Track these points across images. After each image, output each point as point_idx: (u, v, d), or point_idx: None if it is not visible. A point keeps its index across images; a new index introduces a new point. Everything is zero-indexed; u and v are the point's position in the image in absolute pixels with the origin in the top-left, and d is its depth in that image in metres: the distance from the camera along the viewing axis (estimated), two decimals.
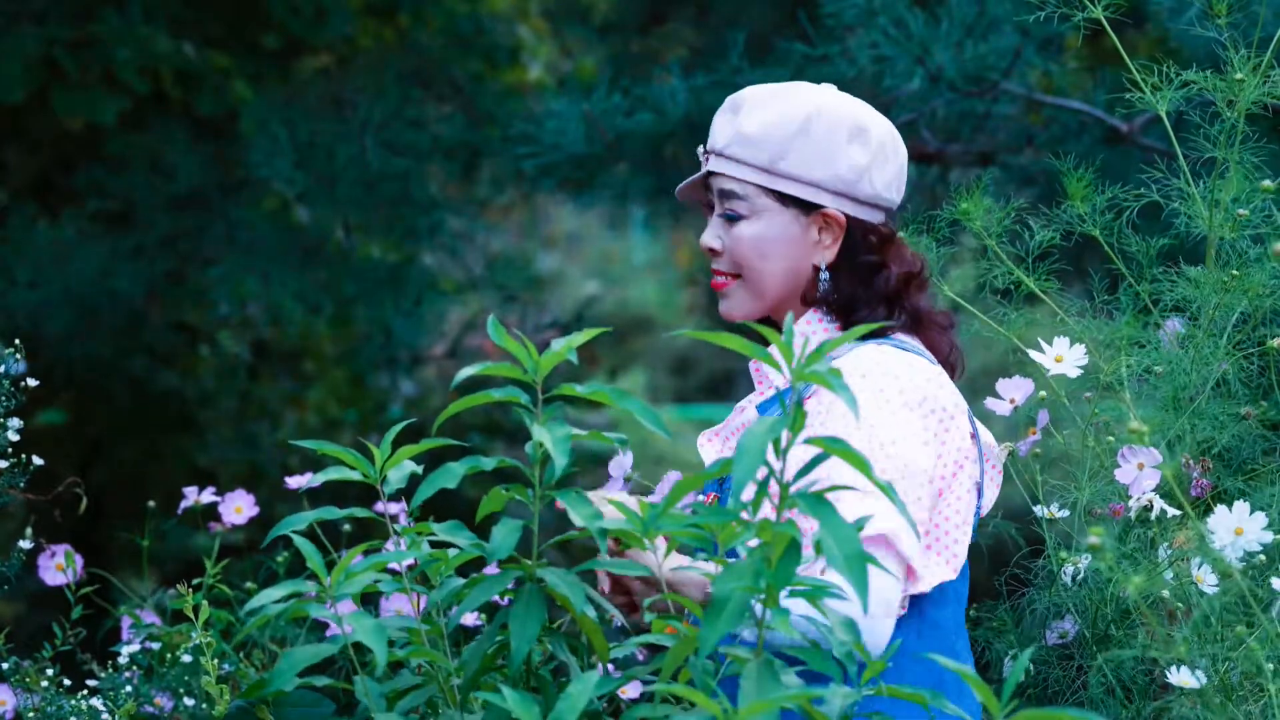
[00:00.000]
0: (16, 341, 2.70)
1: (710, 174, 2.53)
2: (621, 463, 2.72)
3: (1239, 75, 2.85)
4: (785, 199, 2.48)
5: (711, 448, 2.58)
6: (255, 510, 2.88)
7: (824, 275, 2.49)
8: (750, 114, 2.49)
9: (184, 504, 2.84)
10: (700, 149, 2.56)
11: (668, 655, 1.93)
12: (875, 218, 2.51)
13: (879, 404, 2.37)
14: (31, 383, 2.66)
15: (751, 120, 2.48)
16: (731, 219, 2.50)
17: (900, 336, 2.51)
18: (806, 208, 2.48)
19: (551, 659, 2.18)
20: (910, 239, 2.95)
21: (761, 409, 2.54)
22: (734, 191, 2.49)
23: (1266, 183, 2.82)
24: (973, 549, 2.93)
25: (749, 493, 1.87)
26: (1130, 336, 2.81)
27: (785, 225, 2.48)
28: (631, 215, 6.24)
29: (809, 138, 2.46)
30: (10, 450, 2.65)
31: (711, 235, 2.52)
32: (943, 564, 2.42)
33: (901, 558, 2.31)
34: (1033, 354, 2.75)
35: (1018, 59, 4.72)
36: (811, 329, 2.52)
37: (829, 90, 2.54)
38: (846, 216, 2.48)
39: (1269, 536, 2.35)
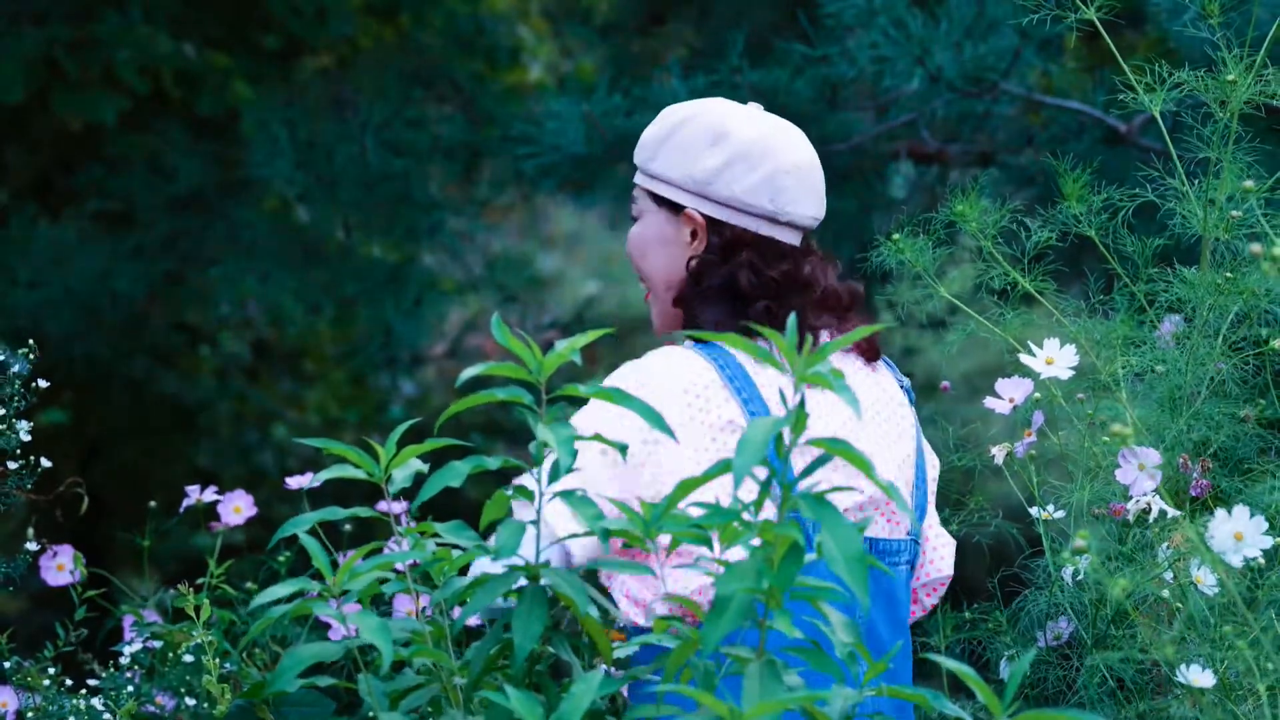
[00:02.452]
0: (30, 341, 2.71)
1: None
2: None
3: (1231, 76, 2.86)
4: (659, 200, 2.57)
5: None
6: (254, 510, 2.89)
7: (687, 274, 2.57)
8: (652, 122, 2.61)
9: (185, 503, 2.85)
10: None
11: (671, 656, 1.94)
12: (748, 224, 2.54)
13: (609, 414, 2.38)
14: (41, 383, 2.67)
15: (649, 128, 2.60)
16: (632, 220, 2.62)
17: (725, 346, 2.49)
18: (674, 208, 2.56)
19: (552, 658, 2.19)
20: (905, 240, 2.96)
21: None
22: (634, 195, 2.62)
23: (1248, 183, 2.83)
24: (973, 548, 2.94)
25: (749, 492, 1.88)
26: (1126, 336, 2.82)
27: (660, 225, 2.58)
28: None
29: (675, 141, 2.56)
30: (19, 451, 2.66)
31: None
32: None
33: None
34: (1023, 358, 2.76)
35: (1017, 59, 4.73)
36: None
37: (734, 105, 2.59)
38: (705, 217, 2.54)
39: (1269, 541, 2.36)
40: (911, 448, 2.58)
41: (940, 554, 2.63)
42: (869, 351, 2.59)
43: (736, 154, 2.53)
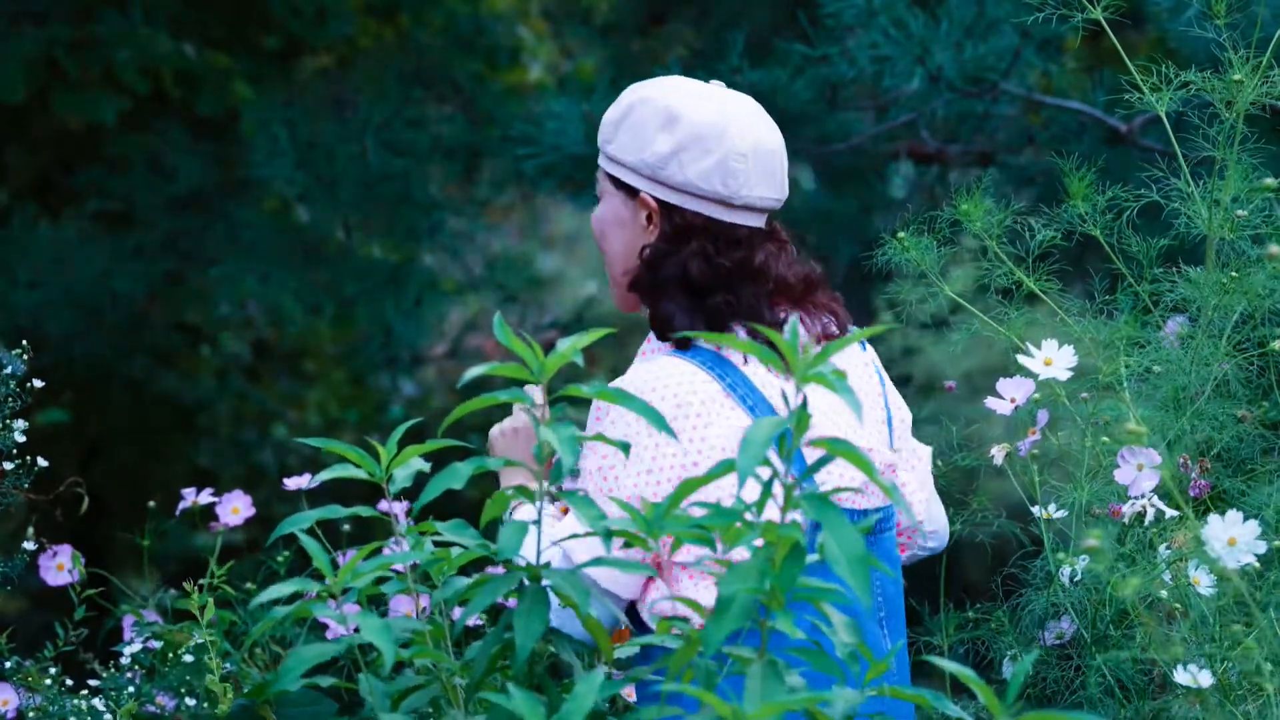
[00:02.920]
0: (24, 343, 2.70)
1: None
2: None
3: (1237, 76, 2.86)
4: (616, 182, 2.55)
5: None
6: (252, 511, 2.88)
7: (641, 261, 2.54)
8: (614, 103, 2.58)
9: (182, 504, 2.85)
10: None
11: (674, 656, 1.94)
12: (696, 206, 2.50)
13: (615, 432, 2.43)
14: (37, 383, 2.66)
15: (610, 107, 2.57)
16: (596, 201, 2.60)
17: (704, 345, 2.49)
18: (631, 191, 2.53)
19: (552, 658, 2.19)
20: (910, 239, 2.96)
21: None
22: (597, 175, 2.59)
23: (1269, 180, 2.82)
24: (973, 549, 2.94)
25: (752, 492, 1.88)
26: (1130, 336, 2.81)
27: (616, 207, 2.55)
28: None
29: (629, 123, 2.52)
30: (15, 451, 2.66)
31: None
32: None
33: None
34: (1022, 359, 2.75)
35: (1017, 59, 4.72)
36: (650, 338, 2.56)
37: (691, 84, 2.55)
38: (658, 201, 2.51)
39: (1262, 546, 2.35)
40: (881, 408, 2.58)
41: (917, 496, 2.59)
42: (842, 329, 2.55)
43: (689, 137, 2.49)
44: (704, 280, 2.48)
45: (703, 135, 2.49)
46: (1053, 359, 2.75)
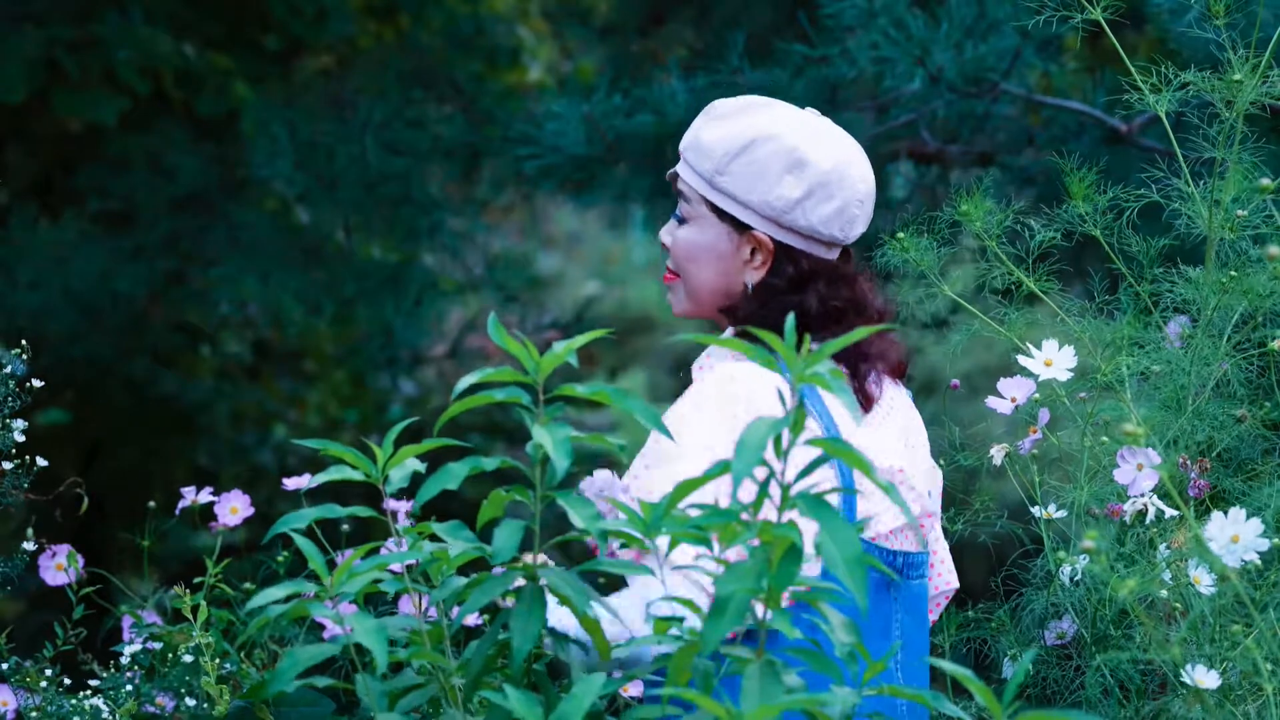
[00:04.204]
0: (23, 343, 2.70)
1: (674, 172, 2.60)
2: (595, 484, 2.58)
3: (1236, 76, 2.85)
4: (720, 213, 2.52)
5: None
6: (250, 511, 2.88)
7: (749, 295, 2.52)
8: (711, 123, 2.53)
9: (181, 505, 2.84)
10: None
11: (673, 658, 1.94)
12: (813, 249, 2.52)
13: (704, 417, 2.40)
14: (36, 383, 2.66)
15: (709, 129, 2.53)
16: (679, 220, 2.57)
17: None
18: (739, 226, 2.51)
19: (550, 658, 2.18)
20: (910, 239, 2.96)
21: None
22: (683, 193, 2.56)
23: (1265, 181, 2.82)
24: (973, 548, 2.94)
25: (749, 493, 1.88)
26: (1130, 337, 2.81)
27: (717, 238, 2.53)
28: (631, 215, 6.24)
29: (748, 160, 2.50)
30: (14, 451, 2.65)
31: (665, 231, 2.60)
32: None
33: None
34: (1022, 359, 2.75)
35: (1017, 60, 4.72)
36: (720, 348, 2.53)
37: (800, 116, 2.55)
38: (775, 242, 2.50)
39: (1265, 544, 2.35)
40: (930, 461, 2.61)
41: (947, 565, 2.63)
42: (897, 370, 2.59)
43: (816, 184, 2.49)
44: (819, 318, 2.50)
45: (827, 182, 2.49)
46: (1053, 359, 2.75)
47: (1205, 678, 2.39)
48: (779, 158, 2.49)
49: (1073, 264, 3.05)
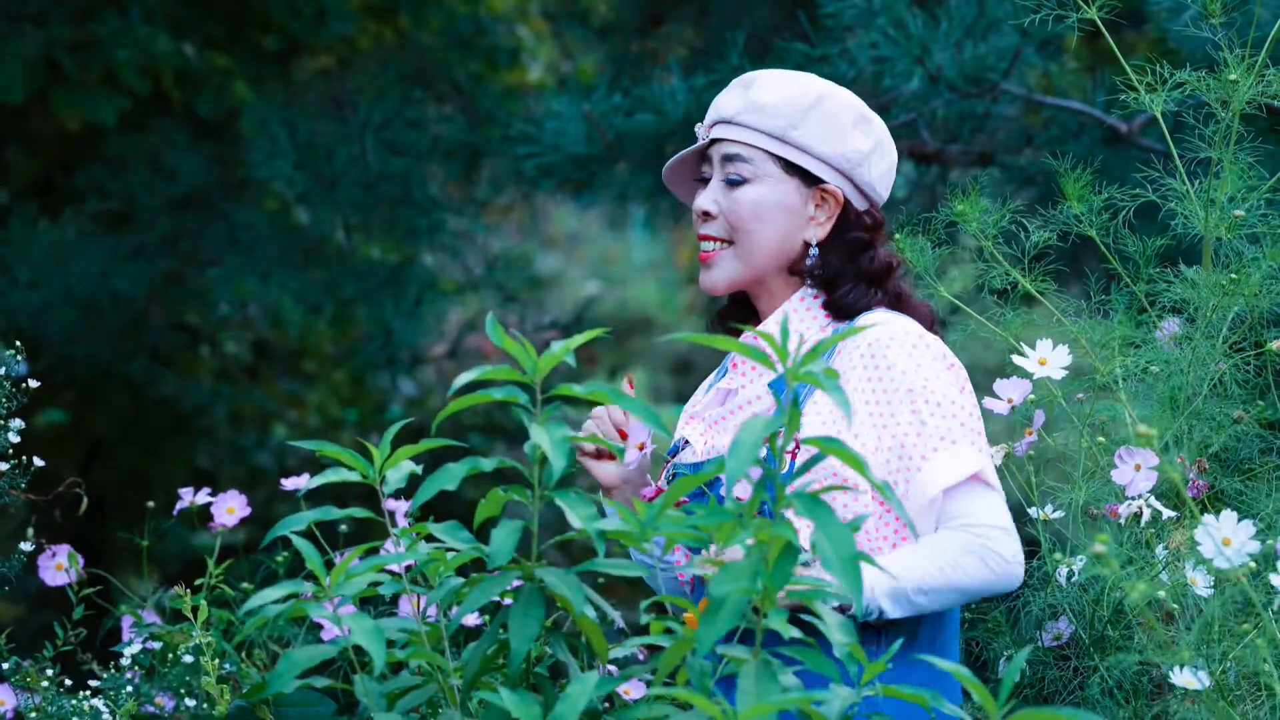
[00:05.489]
0: (18, 343, 2.70)
1: (714, 142, 2.59)
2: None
3: (1232, 76, 2.85)
4: (790, 168, 2.55)
5: (694, 428, 2.61)
6: (248, 511, 2.88)
7: (813, 250, 2.56)
8: (764, 87, 2.57)
9: (179, 505, 2.85)
10: (700, 126, 2.62)
11: (663, 655, 1.94)
12: (865, 205, 2.59)
13: (938, 366, 2.48)
14: (33, 384, 2.66)
15: (766, 92, 2.56)
16: (734, 182, 2.56)
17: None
18: (808, 180, 2.56)
19: (550, 658, 2.19)
20: (907, 240, 2.96)
21: (777, 386, 2.55)
22: (740, 155, 2.56)
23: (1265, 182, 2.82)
24: None
25: (743, 491, 1.88)
26: (1125, 337, 2.81)
27: (786, 193, 2.55)
28: (631, 215, 6.24)
29: (821, 114, 2.55)
30: (11, 451, 2.65)
31: (708, 199, 2.59)
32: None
33: (993, 490, 2.43)
34: (1016, 359, 2.75)
35: (1017, 59, 4.72)
36: (806, 306, 2.58)
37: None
38: (843, 195, 2.56)
39: (1256, 546, 2.35)
40: None
41: None
42: (930, 324, 2.65)
43: (879, 140, 2.58)
44: (883, 271, 2.57)
45: (884, 139, 2.59)
46: (1047, 359, 2.75)
47: (1193, 679, 2.39)
48: (848, 111, 2.56)
49: (1070, 264, 3.05)
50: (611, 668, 2.23)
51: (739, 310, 2.67)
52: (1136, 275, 2.93)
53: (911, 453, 2.42)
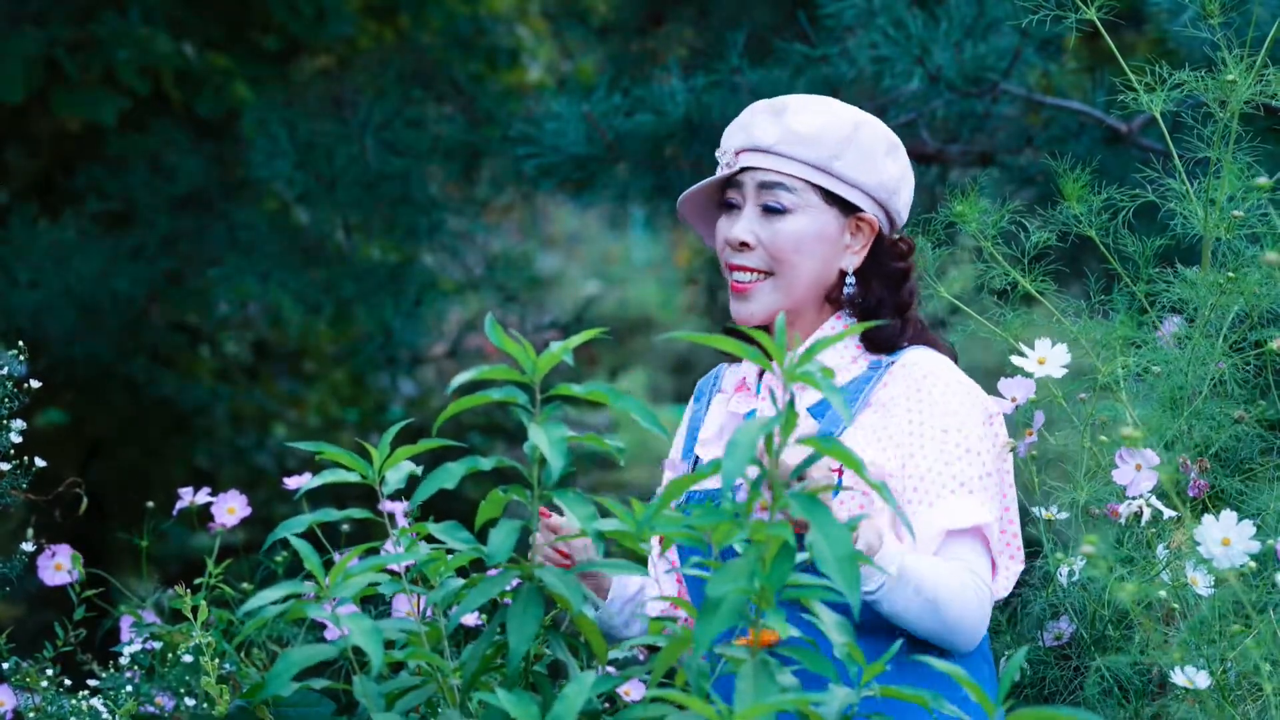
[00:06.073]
0: (20, 344, 2.70)
1: (747, 170, 2.56)
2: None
3: (1231, 76, 2.85)
4: (830, 198, 2.54)
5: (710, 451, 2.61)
6: (248, 511, 2.88)
7: (849, 279, 2.56)
8: (798, 116, 2.55)
9: (179, 505, 2.85)
10: (728, 152, 2.58)
11: (660, 655, 1.94)
12: (892, 233, 2.60)
13: (977, 417, 2.51)
14: (34, 384, 2.66)
15: (801, 121, 2.54)
16: (775, 211, 2.54)
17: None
18: (846, 209, 2.55)
19: (549, 658, 2.18)
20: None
21: (817, 412, 2.55)
22: (782, 184, 2.54)
23: (1261, 180, 2.82)
24: None
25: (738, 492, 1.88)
26: (1126, 337, 2.81)
27: (825, 223, 2.54)
28: (631, 215, 6.24)
29: (858, 144, 2.54)
30: (12, 452, 2.65)
31: (744, 229, 2.56)
32: (1015, 563, 2.54)
33: (988, 553, 2.45)
34: (1015, 359, 2.75)
35: (1017, 60, 4.71)
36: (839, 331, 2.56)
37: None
38: (879, 224, 2.56)
39: (1256, 546, 2.35)
40: None
41: None
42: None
43: (905, 166, 2.60)
44: (910, 300, 2.59)
45: (908, 166, 2.61)
46: (1046, 358, 2.75)
47: (1195, 679, 2.39)
48: (880, 140, 2.56)
49: (1070, 264, 3.05)
50: (611, 668, 2.23)
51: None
52: (1136, 275, 2.93)
53: (929, 487, 2.44)
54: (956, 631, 2.39)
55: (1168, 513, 2.61)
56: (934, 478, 2.44)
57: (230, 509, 2.82)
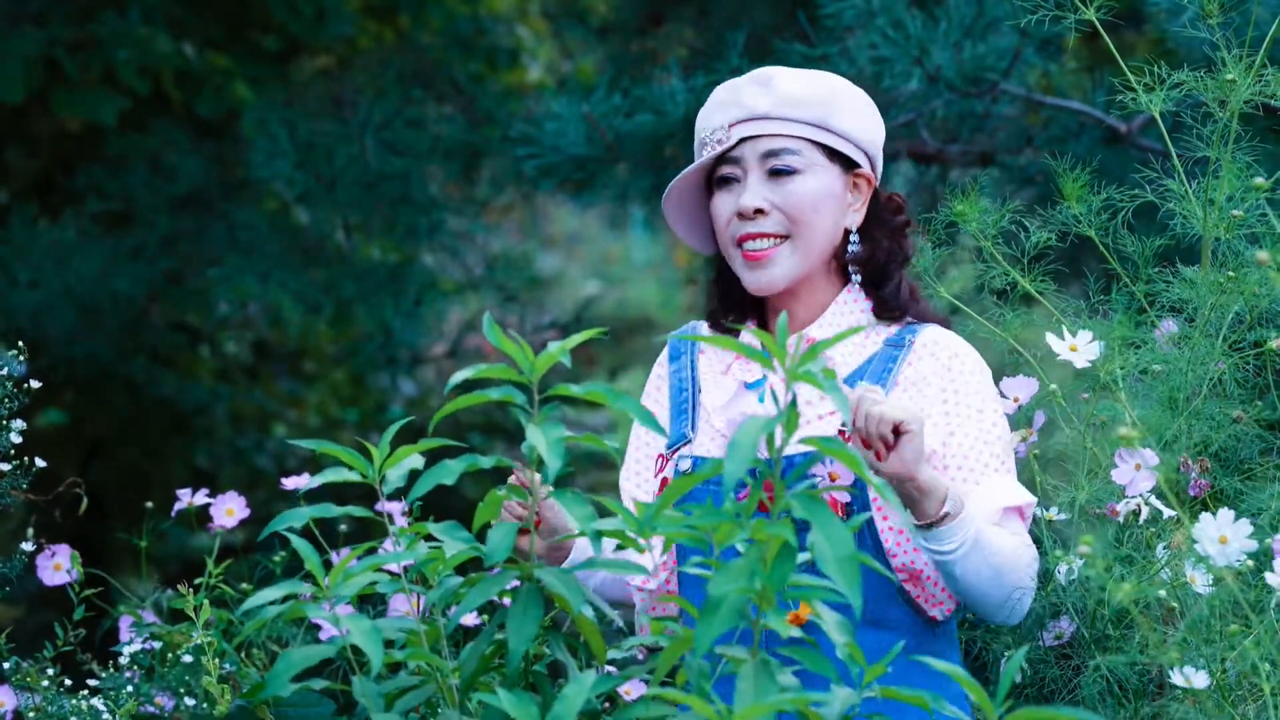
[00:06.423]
0: (20, 344, 2.70)
1: (745, 141, 2.55)
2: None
3: (1230, 76, 2.85)
4: (831, 155, 2.56)
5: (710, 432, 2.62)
6: (246, 512, 2.88)
7: (854, 237, 2.58)
8: (785, 81, 2.56)
9: (177, 507, 2.85)
10: (718, 129, 2.57)
11: (661, 655, 1.94)
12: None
13: (997, 399, 2.58)
14: (34, 384, 2.67)
15: (791, 86, 2.56)
16: (786, 172, 2.54)
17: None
18: (847, 166, 2.57)
19: (549, 658, 2.18)
20: None
21: (850, 380, 2.57)
22: (787, 148, 2.54)
23: (1259, 180, 2.82)
24: None
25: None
26: (1125, 337, 2.81)
27: (832, 181, 2.57)
28: (631, 215, 6.23)
29: (847, 100, 2.57)
30: (12, 452, 2.66)
31: (755, 196, 2.55)
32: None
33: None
34: (1049, 338, 2.76)
35: (1017, 59, 4.71)
36: (853, 307, 2.60)
37: None
38: (874, 180, 2.60)
39: (1254, 544, 2.35)
40: None
41: None
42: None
43: (881, 122, 2.63)
44: (911, 254, 2.64)
45: (882, 123, 2.63)
46: (1078, 347, 2.76)
47: (1194, 678, 2.39)
48: (859, 96, 2.60)
49: (1069, 264, 3.05)
50: (610, 668, 2.23)
51: (733, 311, 2.64)
52: (1136, 275, 2.93)
53: (974, 465, 2.49)
54: (1006, 604, 2.44)
55: (1167, 512, 2.61)
56: (976, 456, 2.49)
57: (229, 510, 2.82)
